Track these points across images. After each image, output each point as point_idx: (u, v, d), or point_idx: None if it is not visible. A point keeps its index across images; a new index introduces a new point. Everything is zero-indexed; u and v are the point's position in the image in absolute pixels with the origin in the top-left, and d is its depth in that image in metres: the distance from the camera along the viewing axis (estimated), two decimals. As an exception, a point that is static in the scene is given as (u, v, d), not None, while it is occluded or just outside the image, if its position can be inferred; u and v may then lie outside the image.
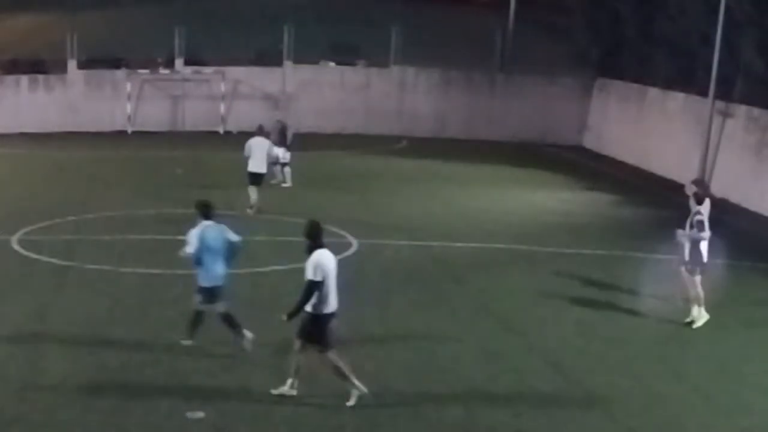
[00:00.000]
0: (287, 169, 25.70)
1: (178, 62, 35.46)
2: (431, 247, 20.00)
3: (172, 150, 31.06)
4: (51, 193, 23.92)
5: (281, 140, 25.10)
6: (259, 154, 21.87)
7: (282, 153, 25.19)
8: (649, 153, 32.05)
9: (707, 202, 15.88)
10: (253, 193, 21.95)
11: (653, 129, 32.15)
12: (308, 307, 11.50)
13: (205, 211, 13.18)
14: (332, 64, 37.86)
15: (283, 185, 25.52)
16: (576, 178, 29.64)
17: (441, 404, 12.00)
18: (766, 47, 27.41)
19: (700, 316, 15.31)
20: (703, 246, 15.32)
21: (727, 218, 24.84)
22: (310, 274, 11.35)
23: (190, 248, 13.06)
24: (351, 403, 11.62)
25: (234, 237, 13.21)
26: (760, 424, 11.95)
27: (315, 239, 11.59)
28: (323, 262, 11.42)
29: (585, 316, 15.75)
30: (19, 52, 36.97)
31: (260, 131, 22.48)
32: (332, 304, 11.60)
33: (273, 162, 24.17)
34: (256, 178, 21.95)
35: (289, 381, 11.78)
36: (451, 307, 16.01)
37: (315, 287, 11.34)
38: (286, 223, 21.45)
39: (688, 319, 15.31)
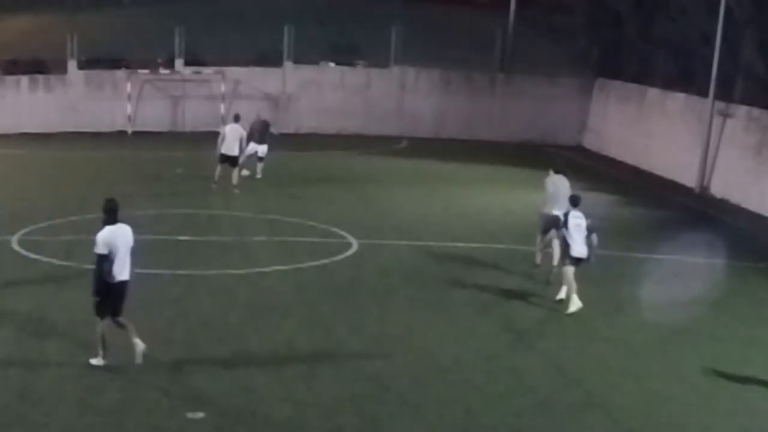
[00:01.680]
0: (260, 164, 26.15)
1: (178, 62, 35.43)
2: (431, 247, 20.00)
3: (172, 150, 31.06)
4: (51, 193, 23.91)
5: (261, 137, 25.97)
6: (231, 137, 24.22)
7: (262, 149, 26.00)
8: (649, 153, 32.05)
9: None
10: (218, 170, 24.38)
11: (653, 129, 32.15)
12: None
13: None
14: (332, 64, 37.85)
15: (256, 176, 25.98)
16: (576, 178, 29.56)
17: (441, 404, 12.00)
18: (766, 47, 27.43)
19: (571, 302, 15.66)
20: (572, 241, 15.69)
21: (727, 218, 24.93)
22: (97, 249, 12.25)
23: None
24: (94, 362, 12.42)
25: None
26: (760, 424, 11.96)
27: (109, 215, 12.49)
28: (109, 236, 12.30)
29: (585, 316, 15.75)
30: (19, 52, 36.96)
31: (236, 119, 24.84)
32: (120, 274, 12.40)
33: (249, 155, 25.84)
34: (225, 159, 24.29)
35: (101, 352, 12.56)
36: (451, 307, 16.01)
37: (103, 260, 12.22)
38: (287, 223, 21.48)
39: (558, 297, 15.99)
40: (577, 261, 15.77)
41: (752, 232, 23.72)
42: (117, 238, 12.35)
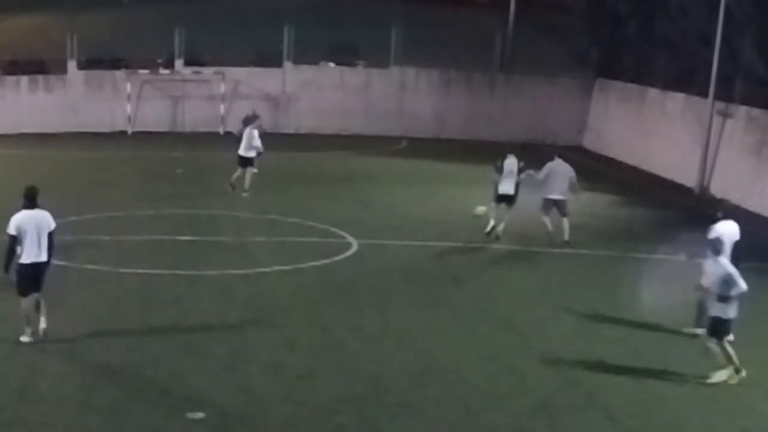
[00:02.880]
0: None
1: (178, 63, 35.44)
2: (431, 247, 19.99)
3: (172, 150, 31.05)
4: (51, 193, 23.75)
5: None
6: (243, 139, 24.64)
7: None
8: (649, 153, 32.04)
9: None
10: (236, 172, 24.49)
11: (653, 129, 32.14)
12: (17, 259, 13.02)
13: None
14: (332, 64, 37.85)
15: (253, 171, 25.81)
16: (576, 179, 29.56)
17: (441, 404, 12.00)
18: (766, 47, 27.42)
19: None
20: (502, 181, 20.07)
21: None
22: (8, 229, 12.95)
23: None
24: (23, 339, 13.15)
25: None
26: (760, 424, 11.95)
27: (27, 200, 13.17)
28: (20, 220, 13.00)
29: (585, 316, 15.75)
30: (19, 52, 36.95)
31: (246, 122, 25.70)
32: (34, 257, 13.05)
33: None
34: (239, 160, 24.47)
35: (27, 330, 13.19)
36: (451, 307, 16.00)
37: (11, 240, 12.94)
38: (287, 223, 21.48)
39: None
40: (502, 198, 19.72)
41: (752, 232, 23.65)
42: (28, 222, 12.95)
